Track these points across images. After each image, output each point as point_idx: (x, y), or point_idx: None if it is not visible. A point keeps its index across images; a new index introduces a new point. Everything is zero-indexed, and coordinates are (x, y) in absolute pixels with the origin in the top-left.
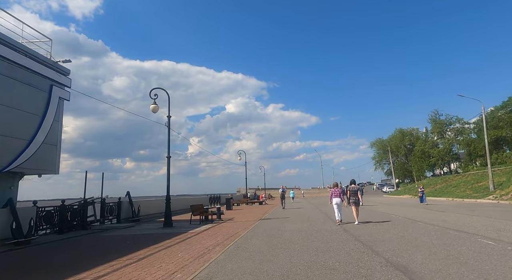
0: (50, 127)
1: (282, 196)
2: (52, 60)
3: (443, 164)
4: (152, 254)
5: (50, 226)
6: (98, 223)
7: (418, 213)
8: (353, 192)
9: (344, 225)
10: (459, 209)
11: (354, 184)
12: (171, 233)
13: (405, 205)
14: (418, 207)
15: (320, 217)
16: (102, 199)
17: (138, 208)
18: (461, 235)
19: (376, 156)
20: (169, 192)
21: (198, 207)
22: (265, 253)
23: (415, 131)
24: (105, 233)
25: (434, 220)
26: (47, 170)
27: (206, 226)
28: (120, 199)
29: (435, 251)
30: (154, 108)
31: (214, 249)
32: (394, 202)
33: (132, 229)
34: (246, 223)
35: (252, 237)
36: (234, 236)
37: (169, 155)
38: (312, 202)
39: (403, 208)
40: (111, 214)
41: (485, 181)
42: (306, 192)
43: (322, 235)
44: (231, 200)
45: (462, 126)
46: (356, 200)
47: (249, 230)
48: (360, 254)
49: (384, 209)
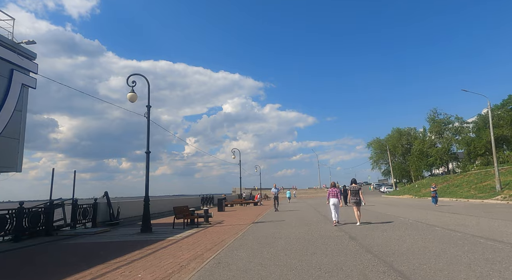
0: (10, 117)
1: (275, 197)
2: (13, 41)
3: (442, 164)
4: (103, 275)
5: (3, 233)
6: (68, 228)
7: (429, 215)
8: (354, 192)
9: (344, 226)
10: (473, 211)
11: (355, 184)
12: (145, 241)
13: (409, 206)
14: (427, 209)
15: (318, 219)
16: (73, 200)
17: (118, 210)
18: (497, 246)
19: (374, 156)
20: (147, 192)
21: (182, 209)
22: (252, 274)
23: (412, 131)
24: (71, 240)
25: (452, 225)
26: (5, 167)
27: (189, 231)
28: (96, 200)
29: (483, 273)
30: (131, 96)
31: (188, 266)
32: (396, 202)
33: (104, 235)
34: (236, 228)
35: (240, 247)
36: (218, 245)
37: (148, 150)
38: (309, 202)
39: (409, 209)
40: (84, 218)
41: (489, 180)
42: (303, 192)
43: (325, 245)
44: (223, 201)
45: (461, 125)
46: (357, 200)
47: (237, 236)
48: (380, 277)
49: (387, 210)
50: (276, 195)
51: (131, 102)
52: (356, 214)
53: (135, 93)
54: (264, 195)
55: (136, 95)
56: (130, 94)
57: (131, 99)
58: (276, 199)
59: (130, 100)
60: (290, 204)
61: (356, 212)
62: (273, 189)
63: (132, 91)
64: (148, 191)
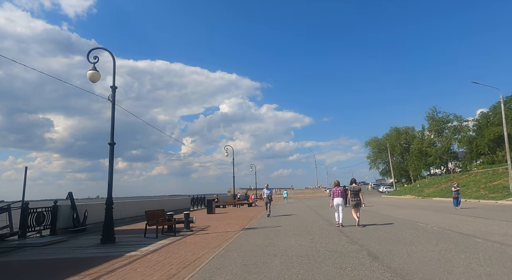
0: None
1: (268, 199)
2: None
3: (441, 163)
4: None
5: None
6: (16, 237)
7: (452, 220)
8: (354, 192)
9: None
10: (500, 214)
11: (355, 184)
12: (96, 259)
13: (419, 207)
14: (443, 212)
15: (321, 225)
16: (23, 203)
17: (85, 214)
18: None
19: (371, 155)
20: (111, 194)
21: (156, 213)
22: None
23: (410, 130)
24: (7, 255)
25: (491, 234)
26: None
27: (161, 242)
28: (55, 202)
29: None
30: (92, 75)
31: None
32: (400, 203)
33: (55, 247)
34: (220, 237)
35: (217, 272)
36: (188, 267)
37: (112, 141)
38: (307, 203)
39: (421, 211)
40: (39, 224)
41: (500, 180)
42: (299, 192)
43: (338, 268)
44: (213, 202)
45: (460, 123)
46: (357, 202)
47: (219, 251)
48: None
49: (396, 212)
50: (269, 198)
51: (92, 81)
52: (355, 215)
53: (97, 71)
54: (259, 195)
55: (99, 74)
56: (91, 72)
57: (92, 78)
58: (269, 202)
59: (91, 79)
60: (287, 205)
61: (354, 214)
62: (264, 190)
63: (94, 68)
64: (111, 191)
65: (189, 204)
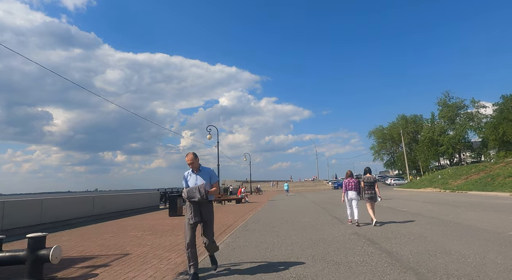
0: None
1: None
2: None
3: (454, 153)
4: None
5: None
6: None
7: None
8: (369, 184)
9: None
10: None
11: (370, 174)
12: None
13: (460, 204)
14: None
15: (337, 233)
16: None
17: None
18: None
19: (375, 146)
20: None
21: None
22: None
23: (419, 118)
24: None
25: None
26: None
27: None
28: None
29: None
30: None
31: None
32: (427, 198)
33: None
34: None
35: None
36: None
37: None
38: (310, 198)
39: (471, 211)
40: None
41: None
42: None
43: None
44: (177, 200)
45: (477, 109)
46: (372, 195)
47: None
48: None
49: (435, 211)
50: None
51: None
52: (370, 212)
53: None
54: (255, 188)
55: None
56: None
57: None
58: None
59: None
60: (288, 198)
61: (370, 210)
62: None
63: None
64: None
65: (158, 201)
